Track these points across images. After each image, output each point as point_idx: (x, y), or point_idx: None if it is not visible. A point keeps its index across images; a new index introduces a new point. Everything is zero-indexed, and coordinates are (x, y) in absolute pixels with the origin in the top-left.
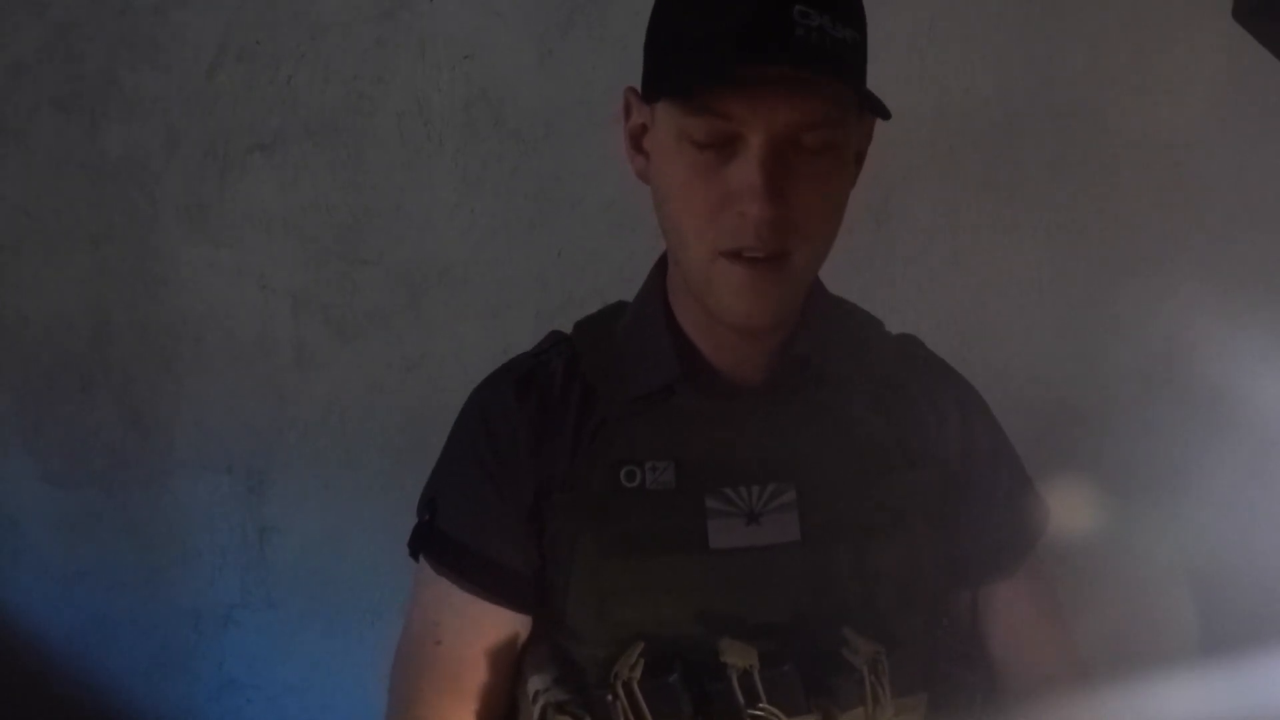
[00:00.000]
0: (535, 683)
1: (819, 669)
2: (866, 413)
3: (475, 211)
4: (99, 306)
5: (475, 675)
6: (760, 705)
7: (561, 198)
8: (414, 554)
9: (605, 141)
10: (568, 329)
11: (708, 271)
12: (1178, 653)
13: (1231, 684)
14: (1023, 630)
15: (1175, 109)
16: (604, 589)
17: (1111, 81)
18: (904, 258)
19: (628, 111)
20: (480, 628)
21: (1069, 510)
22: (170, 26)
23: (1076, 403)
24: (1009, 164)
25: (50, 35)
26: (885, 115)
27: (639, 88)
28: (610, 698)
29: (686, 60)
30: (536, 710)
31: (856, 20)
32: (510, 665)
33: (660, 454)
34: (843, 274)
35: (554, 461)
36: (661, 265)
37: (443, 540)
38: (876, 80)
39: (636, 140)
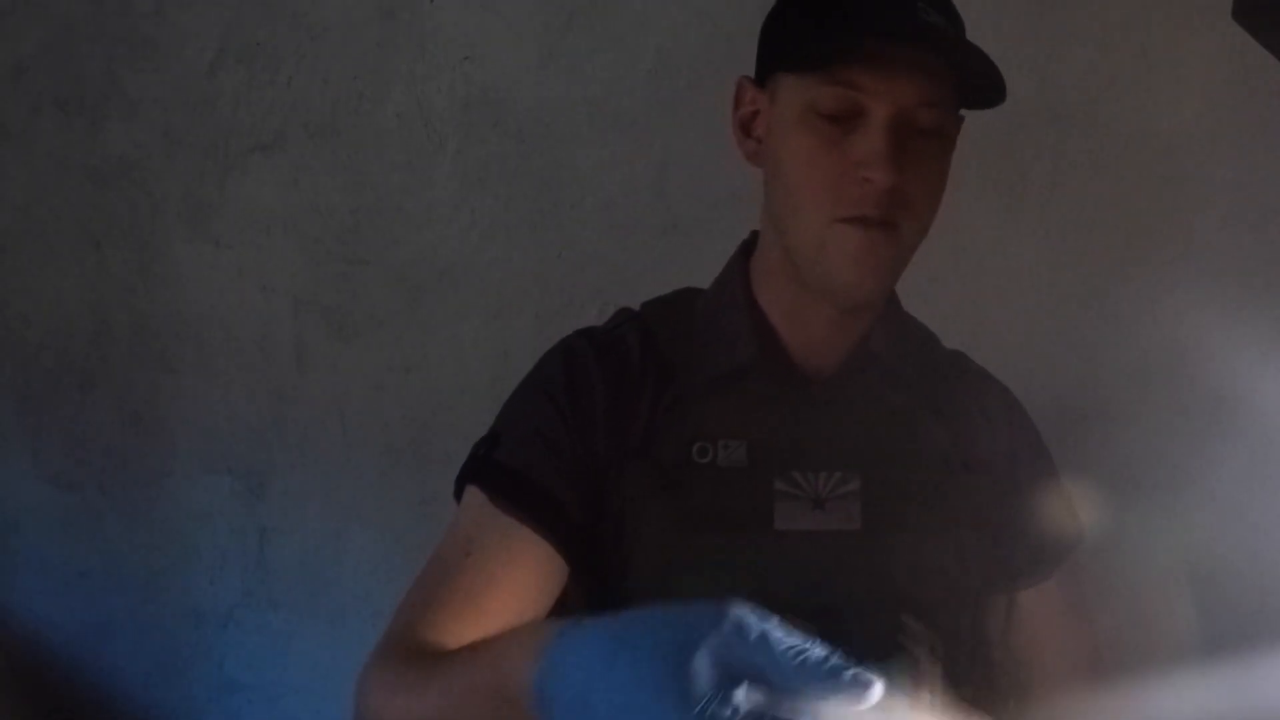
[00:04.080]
0: None
1: (873, 654)
2: (927, 415)
3: (475, 211)
4: (99, 306)
5: (497, 597)
6: None
7: (561, 198)
8: (459, 489)
9: (606, 141)
10: (567, 330)
11: (823, 237)
12: (1178, 653)
13: (1231, 684)
14: (1048, 635)
15: (1175, 109)
16: (666, 562)
17: (1111, 81)
18: None
19: (738, 101)
20: (517, 552)
21: None
22: (170, 26)
23: (1076, 403)
24: (1009, 164)
25: (50, 35)
26: (995, 100)
27: (750, 76)
28: None
29: (823, 36)
30: None
31: (961, 25)
32: (534, 606)
33: (733, 433)
34: None
35: (627, 429)
36: (744, 250)
37: (497, 468)
38: None
39: (747, 126)
